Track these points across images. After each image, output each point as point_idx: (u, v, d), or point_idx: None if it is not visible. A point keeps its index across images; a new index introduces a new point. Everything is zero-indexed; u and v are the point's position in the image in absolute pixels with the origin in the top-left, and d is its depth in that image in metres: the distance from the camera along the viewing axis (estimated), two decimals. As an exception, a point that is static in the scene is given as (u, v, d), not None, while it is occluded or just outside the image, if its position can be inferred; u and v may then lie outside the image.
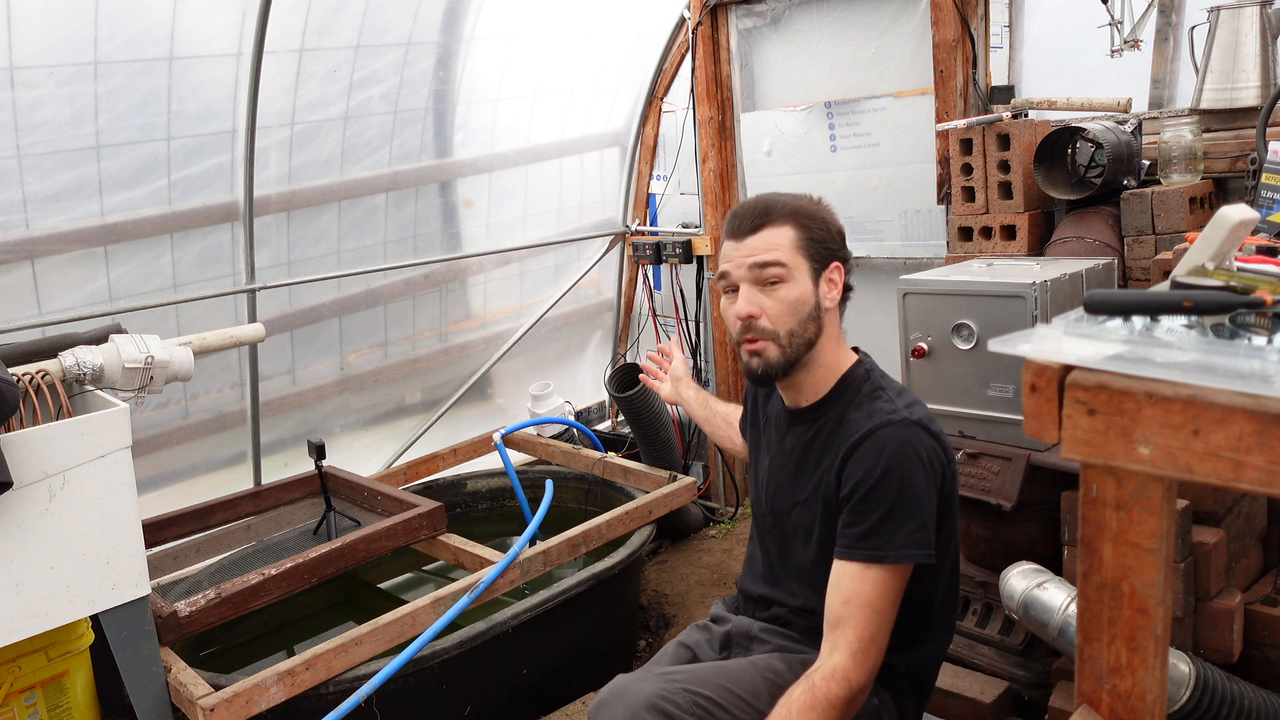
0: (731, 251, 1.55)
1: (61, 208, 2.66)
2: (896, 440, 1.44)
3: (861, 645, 1.42)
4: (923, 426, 1.48)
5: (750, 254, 1.52)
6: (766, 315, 1.51)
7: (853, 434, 1.49)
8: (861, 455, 1.46)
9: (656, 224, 4.16)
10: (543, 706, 2.53)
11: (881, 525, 1.43)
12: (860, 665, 1.41)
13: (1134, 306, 0.93)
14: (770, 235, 1.52)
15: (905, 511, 1.43)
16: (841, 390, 1.57)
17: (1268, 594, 2.02)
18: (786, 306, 1.50)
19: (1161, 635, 0.88)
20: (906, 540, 1.42)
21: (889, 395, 1.53)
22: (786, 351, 1.51)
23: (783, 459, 1.65)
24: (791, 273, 1.51)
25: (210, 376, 3.12)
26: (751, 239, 1.52)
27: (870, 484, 1.44)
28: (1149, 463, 0.79)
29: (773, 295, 1.51)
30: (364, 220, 3.38)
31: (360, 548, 2.57)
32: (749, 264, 1.51)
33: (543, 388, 3.99)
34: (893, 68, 3.21)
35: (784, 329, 1.51)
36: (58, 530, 1.94)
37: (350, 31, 3.05)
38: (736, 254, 1.53)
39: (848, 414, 1.53)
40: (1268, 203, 2.02)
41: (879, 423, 1.46)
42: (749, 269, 1.51)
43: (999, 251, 2.69)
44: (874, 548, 1.43)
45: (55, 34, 2.49)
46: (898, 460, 1.43)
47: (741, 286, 1.52)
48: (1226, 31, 2.43)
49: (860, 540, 1.44)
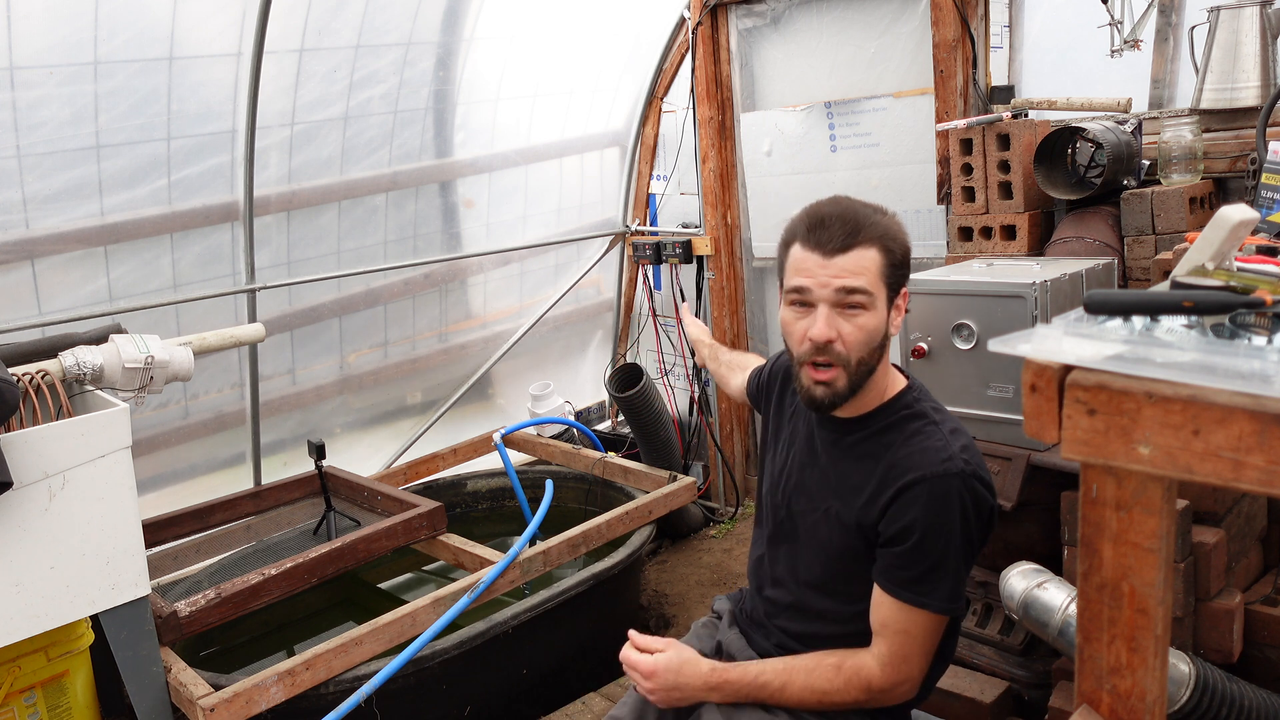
0: (815, 268, 1.44)
1: (61, 208, 2.66)
2: (952, 495, 1.42)
3: (893, 660, 1.46)
4: (978, 479, 1.45)
5: (838, 276, 1.43)
6: (843, 341, 1.44)
7: (905, 473, 1.45)
8: (913, 500, 1.42)
9: (656, 224, 4.16)
10: (543, 706, 2.53)
11: (928, 575, 1.43)
12: (887, 675, 1.46)
13: (1134, 306, 0.93)
14: (859, 258, 1.43)
15: (950, 567, 1.43)
16: (888, 410, 1.53)
17: (1268, 594, 2.02)
18: (865, 335, 1.45)
19: (1161, 635, 0.88)
20: (948, 594, 1.44)
21: (942, 432, 1.48)
22: (853, 380, 1.46)
23: (810, 458, 1.61)
24: (874, 301, 1.45)
25: (210, 376, 3.12)
26: (840, 259, 1.43)
27: (920, 534, 1.42)
28: (1149, 463, 0.79)
29: (852, 322, 1.44)
30: (364, 220, 3.38)
31: (360, 548, 2.57)
32: (836, 286, 1.43)
33: (543, 388, 3.99)
34: (893, 68, 3.21)
35: (855, 357, 1.45)
36: (58, 530, 1.94)
37: (350, 31, 3.05)
38: (822, 272, 1.43)
39: (895, 443, 1.49)
40: (1268, 203, 2.02)
41: (935, 471, 1.42)
42: (835, 292, 1.43)
43: (999, 251, 2.69)
44: (919, 593, 1.44)
45: (55, 34, 2.49)
46: (950, 517, 1.42)
47: (820, 307, 1.44)
48: (1226, 31, 2.43)
49: (907, 584, 1.44)
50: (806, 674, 1.48)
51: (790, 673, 1.49)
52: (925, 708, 2.19)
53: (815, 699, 1.48)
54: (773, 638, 1.65)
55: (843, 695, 1.47)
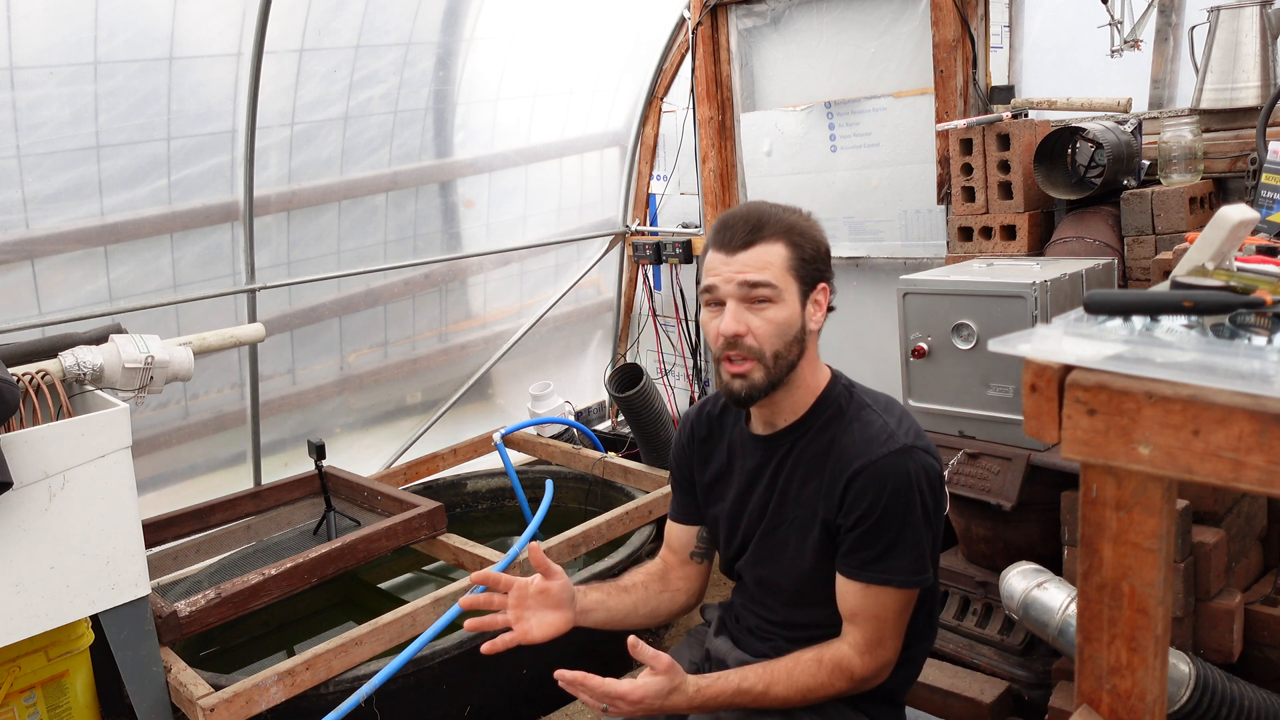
0: (720, 265, 1.49)
1: (61, 208, 2.66)
2: (899, 471, 1.45)
3: (870, 646, 1.47)
4: (921, 449, 1.48)
5: (740, 271, 1.47)
6: (753, 334, 1.47)
7: (852, 461, 1.48)
8: (865, 485, 1.46)
9: (656, 224, 4.16)
10: (543, 706, 2.53)
11: (888, 553, 1.45)
12: (867, 663, 1.48)
13: (1134, 306, 0.93)
14: (762, 253, 1.47)
15: (909, 539, 1.46)
16: (821, 408, 1.56)
17: (1268, 594, 2.02)
18: (774, 328, 1.47)
19: (1161, 635, 0.88)
20: (910, 566, 1.46)
21: (878, 412, 1.52)
22: (770, 373, 1.49)
23: (760, 483, 1.61)
24: (781, 294, 1.47)
25: (210, 376, 3.12)
26: (743, 255, 1.47)
27: (876, 516, 1.45)
28: (1149, 463, 0.79)
29: (760, 315, 1.47)
30: (364, 220, 3.38)
31: (360, 548, 2.57)
32: (739, 281, 1.46)
33: (543, 388, 3.99)
34: (893, 68, 3.21)
35: (769, 350, 1.48)
36: (58, 530, 1.94)
37: (350, 31, 3.05)
38: (726, 269, 1.48)
39: (837, 436, 1.52)
40: (1268, 203, 2.02)
41: (879, 453, 1.46)
42: (738, 286, 1.47)
43: (999, 251, 2.69)
44: (881, 571, 1.46)
45: (55, 34, 2.49)
46: (901, 491, 1.45)
47: (728, 303, 1.48)
48: (1226, 31, 2.43)
49: (867, 565, 1.47)
50: (788, 674, 1.48)
51: (771, 674, 1.49)
52: (925, 708, 2.19)
53: (800, 696, 1.48)
54: (770, 641, 1.65)
55: (827, 689, 1.48)
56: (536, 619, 1.56)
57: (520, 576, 1.59)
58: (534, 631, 1.55)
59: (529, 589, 1.56)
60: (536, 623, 1.56)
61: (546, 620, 1.57)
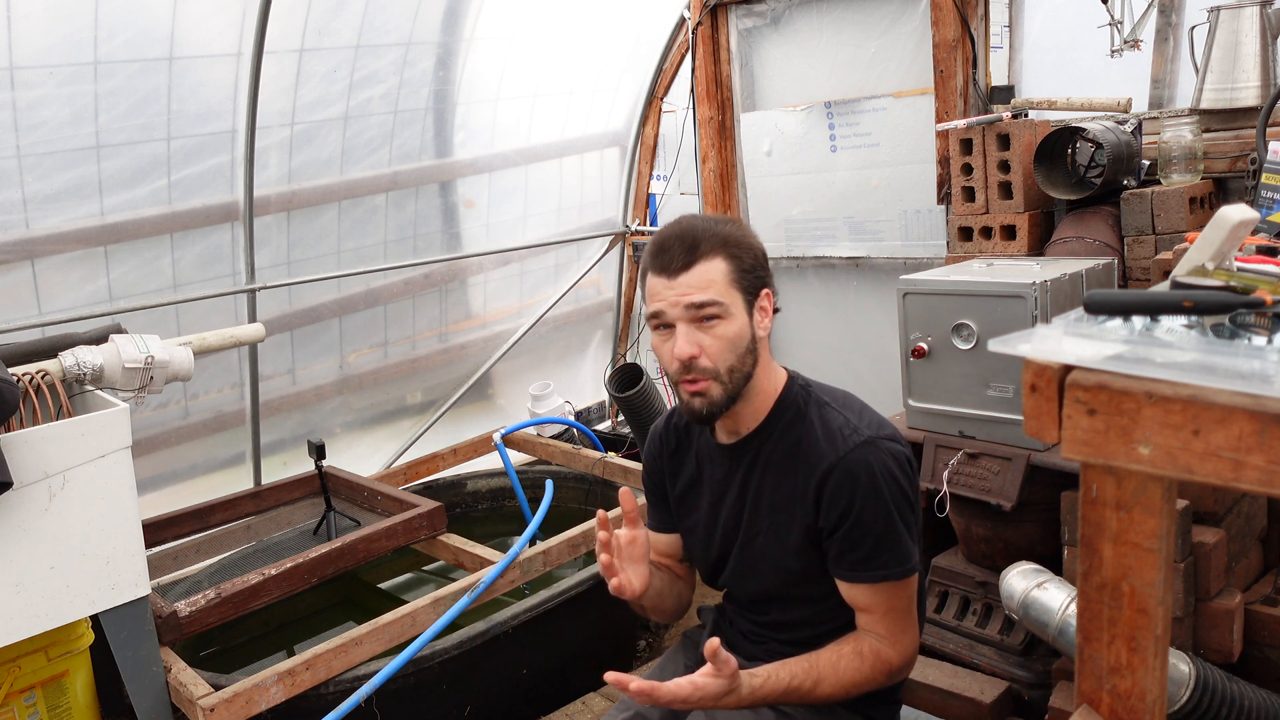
0: (663, 290, 1.47)
1: (61, 208, 2.66)
2: (867, 465, 1.46)
3: (894, 636, 1.49)
4: (885, 439, 1.49)
5: (685, 293, 1.45)
6: (706, 354, 1.47)
7: (820, 462, 1.48)
8: (838, 486, 1.46)
9: (656, 224, 4.16)
10: (543, 706, 2.53)
11: (878, 548, 1.46)
12: (899, 652, 1.50)
13: (1134, 306, 0.93)
14: (703, 272, 1.46)
15: (895, 530, 1.47)
16: (782, 410, 1.56)
17: (1268, 594, 2.02)
18: (726, 343, 1.47)
19: (1161, 635, 0.88)
20: (903, 556, 1.47)
21: (836, 409, 1.53)
22: (728, 388, 1.49)
23: (730, 492, 1.62)
24: (728, 309, 1.47)
25: (210, 376, 3.12)
26: (684, 276, 1.46)
27: (854, 515, 1.46)
28: (1149, 463, 0.79)
29: (711, 333, 1.46)
30: (364, 220, 3.38)
31: (360, 548, 2.57)
32: (685, 304, 1.45)
33: (543, 388, 3.99)
34: (893, 68, 3.21)
35: (724, 366, 1.48)
36: (58, 530, 1.94)
37: (350, 31, 3.05)
38: (669, 293, 1.47)
39: (802, 436, 1.52)
40: (1268, 203, 2.02)
41: (845, 449, 1.47)
42: (685, 309, 1.46)
43: (999, 251, 2.69)
44: (877, 568, 1.47)
45: (55, 34, 2.49)
46: (874, 486, 1.46)
47: (678, 325, 1.47)
48: (1226, 31, 2.43)
49: (861, 565, 1.48)
50: (833, 669, 1.48)
51: (819, 671, 1.48)
52: (925, 707, 2.19)
53: (844, 692, 1.48)
54: (764, 644, 1.64)
55: (871, 683, 1.48)
56: (632, 570, 1.55)
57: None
58: (634, 582, 1.54)
59: (622, 539, 1.55)
60: (633, 573, 1.55)
61: (639, 572, 1.56)
